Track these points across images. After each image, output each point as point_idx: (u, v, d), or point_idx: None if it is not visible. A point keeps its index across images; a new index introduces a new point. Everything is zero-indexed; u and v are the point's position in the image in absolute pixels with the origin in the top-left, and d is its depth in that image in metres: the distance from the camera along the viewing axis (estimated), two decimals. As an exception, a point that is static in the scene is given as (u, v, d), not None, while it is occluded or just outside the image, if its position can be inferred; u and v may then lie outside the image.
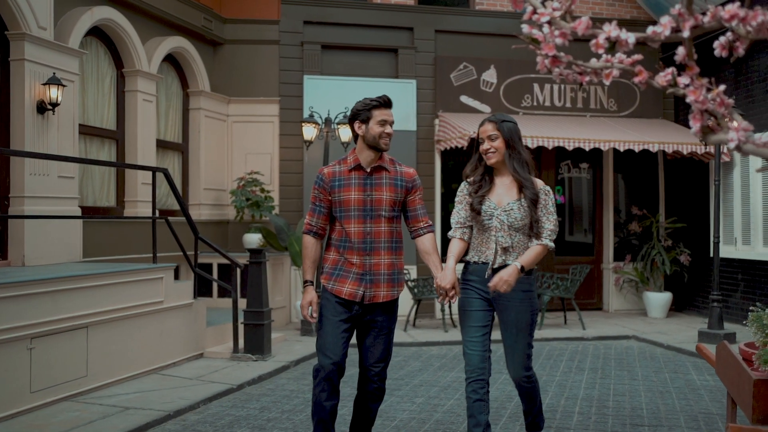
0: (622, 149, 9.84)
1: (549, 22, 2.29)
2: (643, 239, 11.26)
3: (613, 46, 2.24)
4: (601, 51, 2.22)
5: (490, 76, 10.94)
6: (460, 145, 9.83)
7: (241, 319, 7.46)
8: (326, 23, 10.62)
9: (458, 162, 11.04)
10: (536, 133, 9.72)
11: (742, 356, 4.26)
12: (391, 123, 3.77)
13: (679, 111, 11.49)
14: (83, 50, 7.67)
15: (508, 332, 3.83)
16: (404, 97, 10.65)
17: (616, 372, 6.97)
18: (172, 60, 9.61)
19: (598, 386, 6.33)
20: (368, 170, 3.77)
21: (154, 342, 6.64)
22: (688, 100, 2.23)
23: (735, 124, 2.23)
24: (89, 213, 7.97)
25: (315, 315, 3.81)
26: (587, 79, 2.42)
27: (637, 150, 9.82)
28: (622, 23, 11.03)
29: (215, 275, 9.53)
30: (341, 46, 10.68)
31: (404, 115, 10.63)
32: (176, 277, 8.92)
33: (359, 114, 3.77)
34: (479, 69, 10.87)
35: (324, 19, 10.60)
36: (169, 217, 7.82)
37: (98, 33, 8.21)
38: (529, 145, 9.55)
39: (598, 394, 6.02)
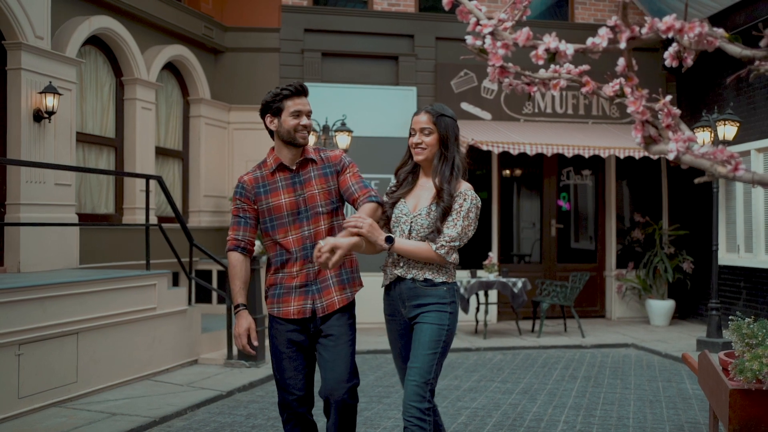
0: (622, 156, 9.81)
1: (492, 33, 2.31)
2: (646, 246, 11.19)
3: (553, 57, 2.25)
4: (540, 62, 2.24)
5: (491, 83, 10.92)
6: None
7: (235, 325, 7.48)
8: (327, 31, 10.68)
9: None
10: (535, 140, 9.71)
11: (721, 366, 4.23)
12: (308, 114, 3.28)
13: (682, 118, 11.41)
14: (81, 59, 7.77)
15: (412, 347, 3.17)
16: (405, 104, 10.67)
17: (609, 380, 6.93)
18: (172, 68, 9.70)
19: (588, 395, 6.30)
20: (294, 168, 3.29)
21: (147, 348, 6.68)
22: (628, 110, 2.23)
23: (680, 134, 2.24)
24: (88, 220, 8.06)
25: (255, 343, 3.23)
26: (535, 89, 2.43)
27: (637, 157, 9.78)
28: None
29: (215, 281, 9.59)
30: (342, 54, 10.73)
31: (405, 122, 10.61)
32: (175, 283, 9.00)
33: (269, 106, 3.27)
34: (480, 76, 10.87)
35: (324, 27, 10.65)
36: (168, 224, 7.90)
37: (97, 42, 8.31)
38: (528, 152, 9.55)
39: (587, 403, 5.98)
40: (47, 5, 7.21)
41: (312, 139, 9.55)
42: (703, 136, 8.62)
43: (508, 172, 11.43)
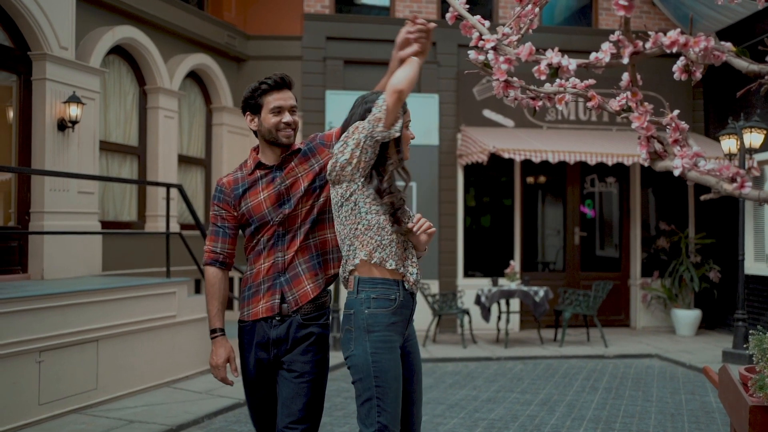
0: (646, 164, 9.64)
1: (494, 48, 2.29)
2: (672, 255, 11.03)
3: (555, 72, 2.23)
4: (543, 77, 2.21)
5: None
6: (480, 160, 9.79)
7: (254, 333, 7.51)
8: (349, 39, 10.70)
9: (480, 177, 11.00)
10: (557, 147, 9.63)
11: (741, 381, 4.14)
12: (291, 109, 2.91)
13: (709, 124, 11.25)
14: (104, 69, 7.87)
15: (415, 380, 2.78)
16: (427, 111, 10.66)
17: (630, 392, 6.82)
18: (195, 76, 9.80)
19: (608, 407, 6.21)
20: (275, 164, 2.94)
21: (166, 356, 6.73)
22: (633, 126, 2.20)
23: (687, 149, 2.20)
24: (111, 227, 8.15)
25: (236, 374, 2.89)
26: (540, 103, 2.41)
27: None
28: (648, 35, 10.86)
29: (236, 289, 9.64)
30: (364, 61, 10.74)
31: (427, 129, 10.63)
32: (197, 290, 9.07)
33: (248, 103, 2.93)
34: (502, 83, 10.79)
35: (346, 35, 10.68)
36: (190, 231, 7.96)
37: (121, 51, 8.42)
38: (550, 160, 9.46)
39: (607, 416, 5.90)
40: (72, 16, 7.32)
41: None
42: (729, 143, 8.48)
43: (531, 179, 11.35)
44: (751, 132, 8.11)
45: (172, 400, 6.16)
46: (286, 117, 2.89)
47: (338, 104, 10.40)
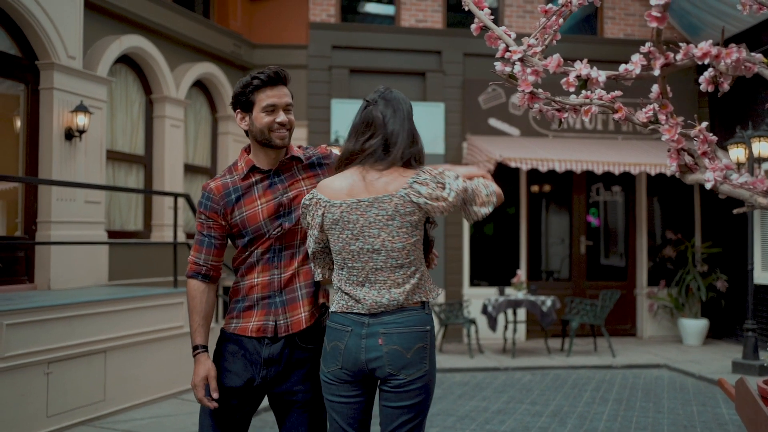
0: (653, 173, 9.65)
1: (521, 60, 2.27)
2: (678, 264, 10.99)
3: (584, 84, 2.20)
4: (571, 89, 2.18)
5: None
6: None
7: (261, 343, 7.46)
8: (354, 48, 10.70)
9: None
10: (564, 156, 9.60)
11: (760, 394, 4.09)
12: (286, 107, 2.62)
13: (715, 133, 11.22)
14: (111, 78, 7.86)
15: None
16: (432, 120, 10.64)
17: (641, 403, 6.77)
18: (201, 85, 9.78)
19: (620, 419, 6.16)
20: (272, 169, 2.68)
21: (174, 366, 6.69)
22: (663, 138, 2.17)
23: (717, 162, 2.17)
24: (116, 237, 8.12)
25: (215, 395, 2.61)
26: (565, 115, 2.38)
27: (668, 174, 9.58)
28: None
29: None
30: (369, 70, 10.74)
31: (432, 138, 10.62)
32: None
33: (238, 100, 2.63)
34: (508, 92, 10.79)
35: (352, 44, 10.68)
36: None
37: (127, 60, 8.41)
38: (557, 169, 9.43)
39: (619, 428, 5.84)
40: (79, 25, 7.31)
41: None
42: (738, 152, 8.45)
43: (536, 188, 11.32)
44: (759, 141, 8.08)
45: (179, 412, 6.11)
46: (281, 116, 2.60)
47: (344, 113, 10.38)
